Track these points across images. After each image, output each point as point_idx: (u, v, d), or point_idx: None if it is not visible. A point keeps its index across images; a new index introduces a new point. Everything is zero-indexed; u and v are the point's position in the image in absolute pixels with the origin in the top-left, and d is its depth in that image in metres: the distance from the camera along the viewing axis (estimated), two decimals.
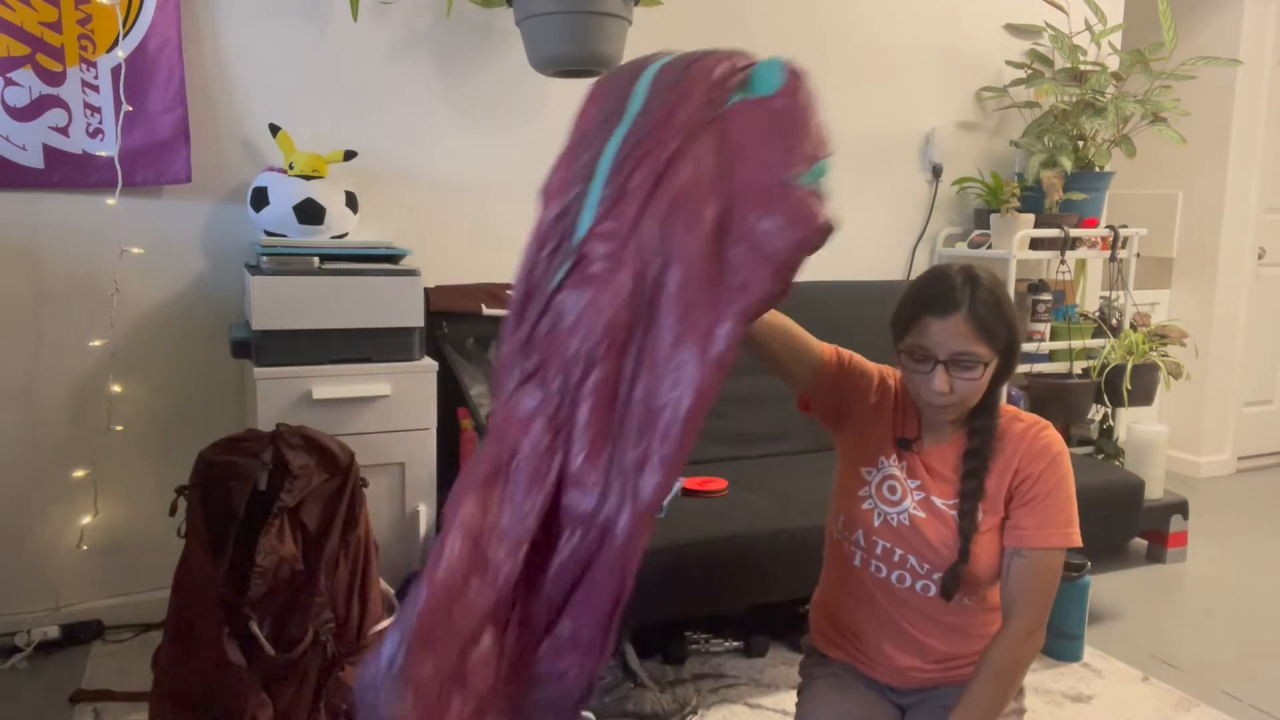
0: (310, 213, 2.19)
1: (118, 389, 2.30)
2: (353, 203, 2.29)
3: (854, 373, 1.47)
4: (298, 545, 1.70)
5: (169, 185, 2.31)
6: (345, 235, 2.29)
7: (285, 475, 1.71)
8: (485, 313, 2.46)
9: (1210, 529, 3.34)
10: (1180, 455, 4.13)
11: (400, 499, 2.13)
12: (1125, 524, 2.63)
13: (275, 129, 2.26)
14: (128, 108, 2.21)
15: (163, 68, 2.24)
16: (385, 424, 2.08)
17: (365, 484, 1.83)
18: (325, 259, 2.10)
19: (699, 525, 2.10)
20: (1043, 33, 3.35)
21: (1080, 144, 3.22)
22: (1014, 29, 3.38)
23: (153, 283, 2.33)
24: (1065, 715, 2.07)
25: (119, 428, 2.32)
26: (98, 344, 2.28)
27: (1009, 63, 3.37)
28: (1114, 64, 3.34)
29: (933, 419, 1.40)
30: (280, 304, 2.00)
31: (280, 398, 1.99)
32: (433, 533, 2.16)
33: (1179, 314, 4.03)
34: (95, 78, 2.19)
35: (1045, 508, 1.34)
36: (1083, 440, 3.26)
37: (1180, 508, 3.00)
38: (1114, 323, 3.29)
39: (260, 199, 2.20)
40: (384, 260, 2.19)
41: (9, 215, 2.20)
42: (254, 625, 1.64)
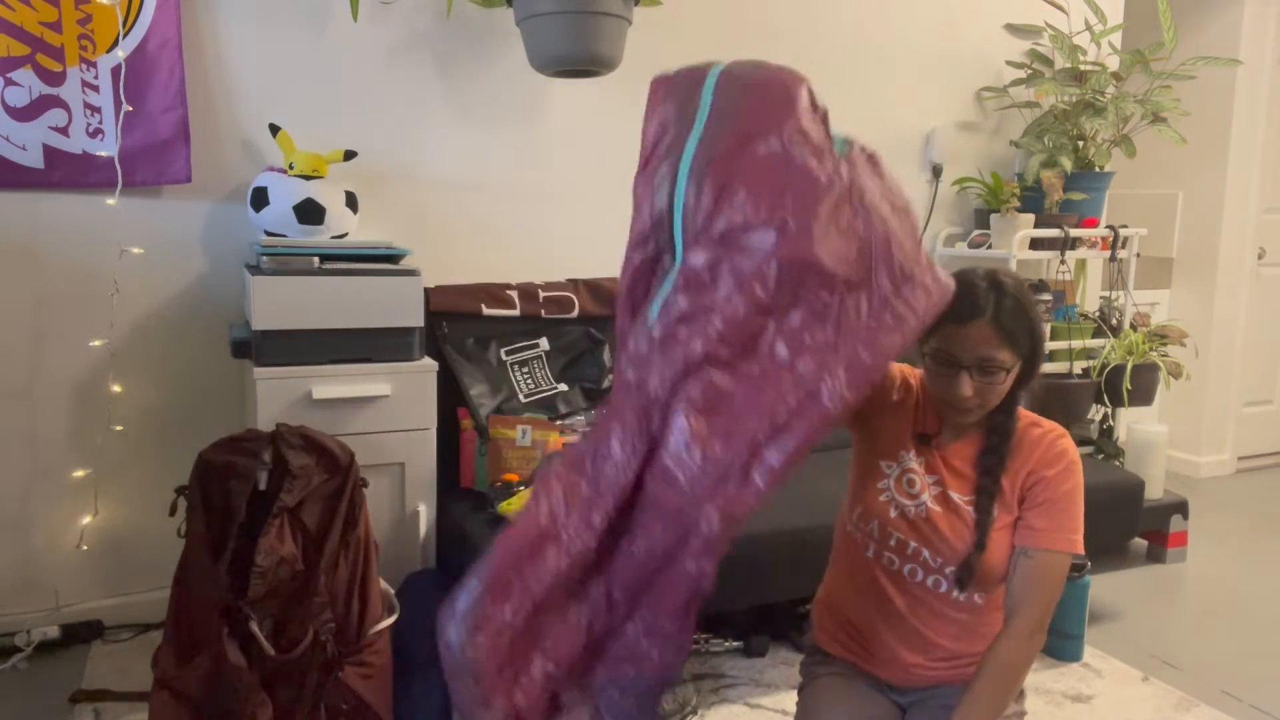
0: (310, 213, 2.19)
1: (118, 389, 2.30)
2: (353, 203, 2.29)
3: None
4: (298, 545, 1.70)
5: (169, 185, 2.31)
6: (345, 235, 2.29)
7: (285, 475, 1.71)
8: (485, 313, 2.46)
9: (1210, 529, 3.34)
10: (1180, 455, 4.13)
11: (400, 499, 2.13)
12: (1125, 524, 2.63)
13: (275, 129, 2.26)
14: (128, 108, 2.21)
15: (163, 68, 2.24)
16: (385, 424, 2.08)
17: (365, 484, 1.83)
18: (325, 259, 2.10)
19: None
20: (1043, 33, 3.35)
21: (1080, 144, 3.22)
22: (1014, 29, 3.38)
23: (153, 283, 2.34)
24: (1065, 715, 2.07)
25: (119, 428, 2.32)
26: (98, 344, 2.28)
27: (1009, 63, 3.37)
28: (1114, 64, 3.34)
29: (953, 419, 1.42)
30: (280, 304, 2.00)
31: (280, 398, 1.99)
32: (433, 533, 2.17)
33: (1179, 314, 4.03)
34: (95, 78, 2.19)
35: (1057, 511, 1.36)
36: (1083, 440, 3.26)
37: (1180, 508, 3.00)
38: (1114, 323, 3.29)
39: (260, 199, 2.20)
40: (384, 260, 2.19)
41: (9, 215, 2.20)
42: (254, 625, 1.64)
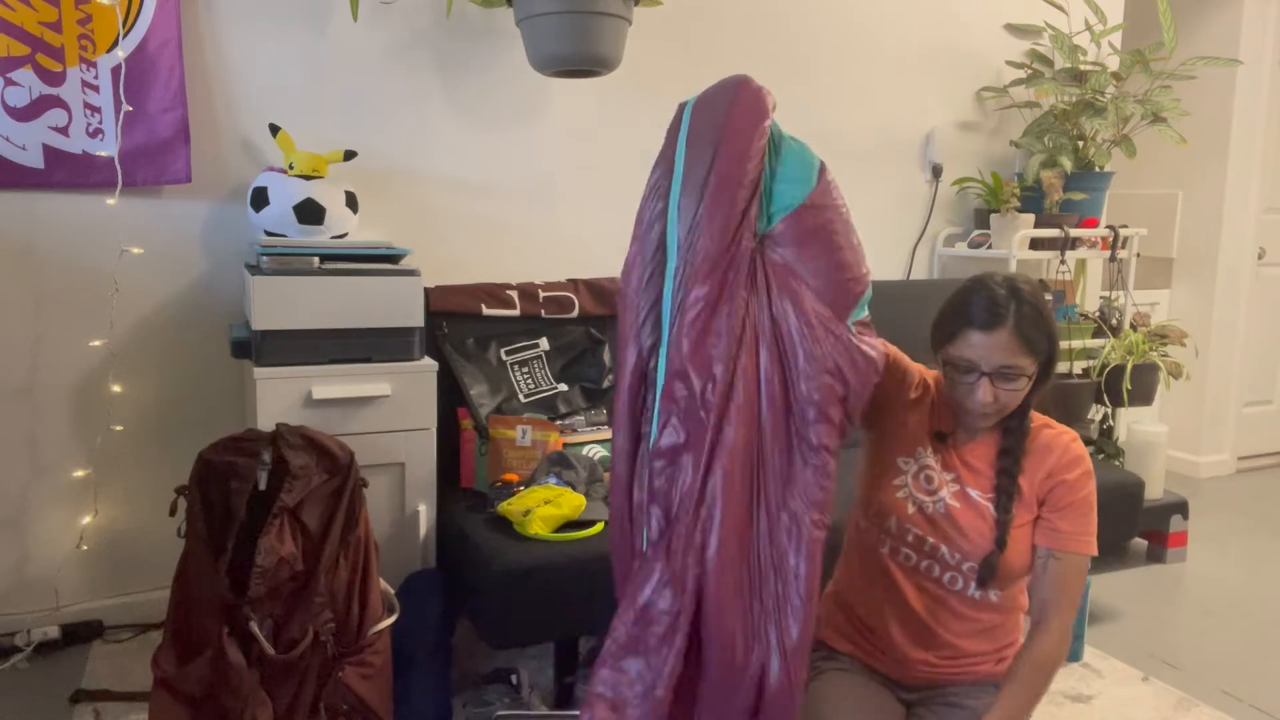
0: (310, 213, 2.19)
1: (118, 389, 2.30)
2: (353, 203, 2.29)
3: (897, 368, 1.51)
4: (298, 545, 1.70)
5: (169, 185, 2.31)
6: (345, 235, 2.29)
7: (285, 475, 1.71)
8: (485, 313, 2.46)
9: (1210, 529, 3.34)
10: (1180, 455, 4.13)
11: (400, 499, 2.13)
12: (1125, 524, 2.62)
13: (275, 129, 2.26)
14: (128, 108, 2.21)
15: (163, 68, 2.24)
16: (385, 424, 2.08)
17: (365, 484, 1.83)
18: (325, 259, 2.10)
19: None
20: (1043, 33, 3.35)
21: (1080, 144, 3.22)
22: (1014, 29, 3.39)
23: (153, 283, 2.34)
24: (1065, 715, 2.07)
25: (119, 428, 2.33)
26: (98, 344, 2.29)
27: (1009, 63, 3.37)
28: (1114, 64, 3.34)
29: (969, 423, 1.44)
30: (280, 304, 2.00)
31: (280, 398, 1.99)
32: (433, 533, 2.17)
33: (1179, 314, 4.04)
34: (95, 78, 2.19)
35: (1080, 515, 1.40)
36: (1083, 440, 3.26)
37: (1180, 508, 3.00)
38: (1114, 323, 3.28)
39: (260, 199, 2.20)
40: (384, 260, 2.19)
41: (9, 215, 2.20)
42: (254, 625, 1.64)
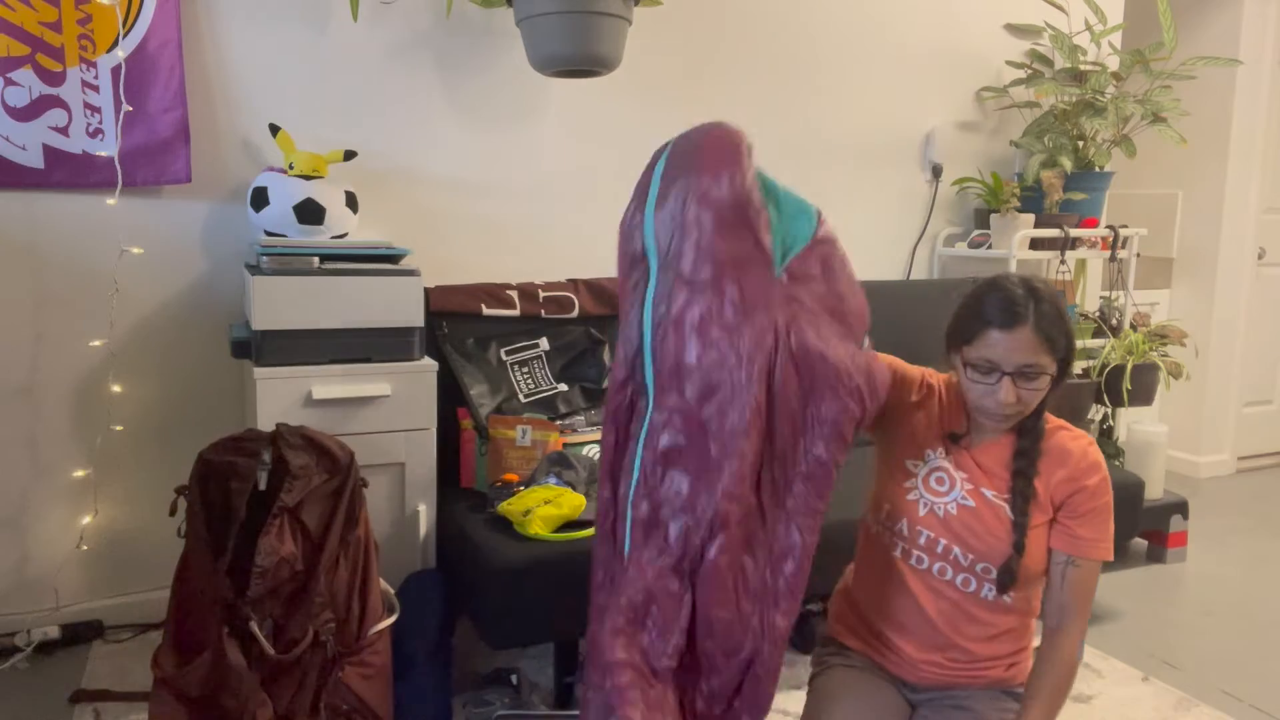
0: (310, 213, 2.19)
1: (118, 389, 2.30)
2: (353, 203, 2.29)
3: (895, 377, 1.52)
4: (298, 545, 1.70)
5: (169, 185, 2.31)
6: (345, 235, 2.29)
7: (285, 475, 1.71)
8: (485, 313, 2.46)
9: (1210, 529, 3.34)
10: (1180, 455, 4.13)
11: (400, 499, 2.13)
12: (1125, 524, 2.62)
13: (275, 129, 2.26)
14: (128, 108, 2.21)
15: (163, 68, 2.24)
16: (385, 424, 2.08)
17: (365, 484, 1.83)
18: (325, 259, 2.10)
19: None
20: (1043, 33, 3.35)
21: (1080, 144, 3.22)
22: (1014, 29, 3.39)
23: (153, 283, 2.34)
24: (1065, 715, 2.07)
25: (119, 428, 2.33)
26: (98, 344, 2.29)
27: (1009, 63, 3.37)
28: (1114, 64, 3.34)
29: (989, 425, 1.44)
30: (280, 304, 2.00)
31: (280, 398, 1.99)
32: (433, 533, 2.17)
33: (1179, 314, 4.04)
34: (95, 78, 2.19)
35: (1100, 522, 1.40)
36: None
37: (1180, 508, 3.00)
38: (1114, 323, 3.29)
39: (260, 199, 2.20)
40: (384, 260, 2.19)
41: (9, 215, 2.20)
42: (254, 625, 1.64)
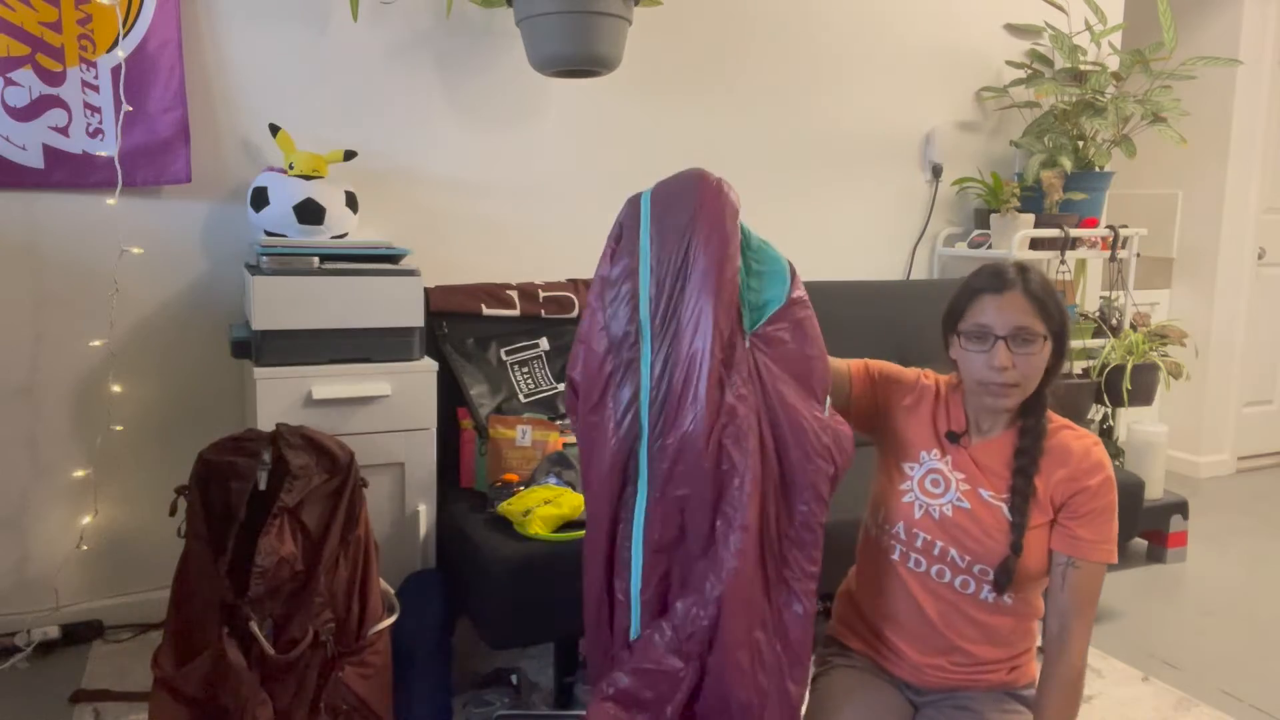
0: (310, 213, 2.19)
1: (118, 389, 2.30)
2: (353, 203, 2.29)
3: (886, 381, 1.52)
4: (298, 545, 1.70)
5: (169, 185, 2.31)
6: (345, 235, 2.29)
7: (285, 475, 1.71)
8: (485, 313, 2.46)
9: (1210, 529, 3.34)
10: (1180, 455, 4.13)
11: (400, 499, 2.13)
12: (1125, 524, 2.62)
13: (275, 129, 2.26)
14: (128, 108, 2.21)
15: (163, 68, 2.24)
16: (385, 424, 2.08)
17: (365, 484, 1.83)
18: (325, 259, 2.10)
19: None
20: (1043, 33, 3.35)
21: (1080, 144, 3.22)
22: (1014, 29, 3.38)
23: (153, 283, 2.34)
24: None
25: (119, 428, 2.32)
26: (98, 344, 2.28)
27: (1009, 63, 3.37)
28: (1114, 64, 3.34)
29: (987, 406, 1.41)
30: (280, 304, 2.00)
31: (280, 398, 1.99)
32: (433, 533, 2.16)
33: (1179, 314, 4.03)
34: (95, 78, 2.19)
35: (1102, 523, 1.38)
36: None
37: (1180, 508, 3.00)
38: (1114, 323, 3.29)
39: (260, 199, 2.20)
40: (384, 260, 2.19)
41: (9, 215, 2.20)
42: (254, 625, 1.64)
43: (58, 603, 2.32)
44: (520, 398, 2.42)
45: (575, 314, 2.56)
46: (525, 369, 2.47)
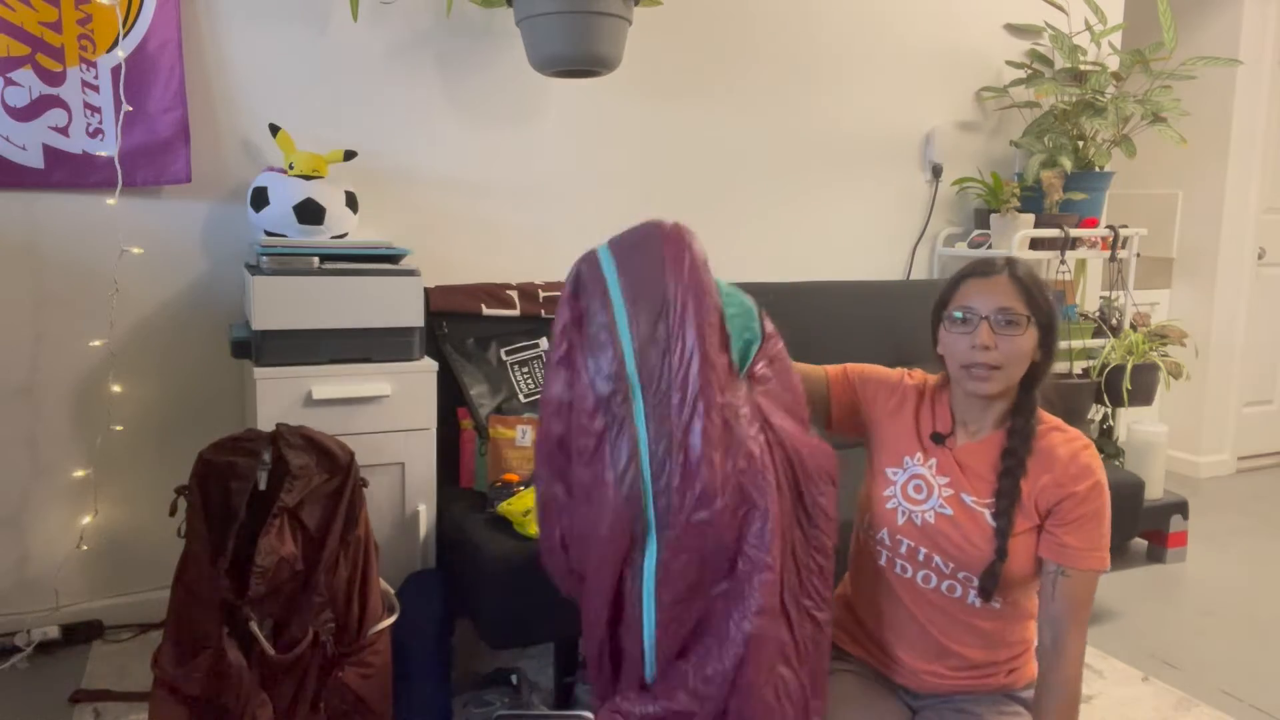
0: (310, 213, 2.19)
1: (118, 389, 2.30)
2: (353, 203, 2.29)
3: (866, 384, 1.52)
4: (298, 545, 1.70)
5: (169, 185, 2.31)
6: (345, 235, 2.29)
7: (285, 475, 1.71)
8: (485, 313, 2.46)
9: (1210, 529, 3.34)
10: (1180, 455, 4.13)
11: (400, 499, 2.13)
12: (1125, 524, 2.62)
13: (275, 129, 2.26)
14: (128, 108, 2.21)
15: (163, 68, 2.24)
16: (385, 424, 2.08)
17: (365, 484, 1.83)
18: (325, 259, 2.10)
19: None
20: (1043, 33, 3.35)
21: (1080, 144, 3.22)
22: (1014, 29, 3.38)
23: (153, 283, 2.34)
24: None
25: (119, 428, 2.32)
26: (98, 344, 2.28)
27: (1009, 63, 3.37)
28: (1114, 64, 3.34)
29: (970, 392, 1.39)
30: (280, 304, 2.00)
31: (280, 398, 1.99)
32: (433, 533, 2.16)
33: (1179, 314, 4.04)
34: (95, 78, 2.19)
35: (1091, 529, 1.35)
36: None
37: (1180, 508, 3.00)
38: (1114, 323, 3.29)
39: (260, 199, 2.20)
40: (384, 260, 2.19)
41: (9, 215, 2.20)
42: (254, 625, 1.64)
43: (58, 603, 2.32)
44: (520, 398, 2.42)
45: None
46: (525, 369, 2.47)
